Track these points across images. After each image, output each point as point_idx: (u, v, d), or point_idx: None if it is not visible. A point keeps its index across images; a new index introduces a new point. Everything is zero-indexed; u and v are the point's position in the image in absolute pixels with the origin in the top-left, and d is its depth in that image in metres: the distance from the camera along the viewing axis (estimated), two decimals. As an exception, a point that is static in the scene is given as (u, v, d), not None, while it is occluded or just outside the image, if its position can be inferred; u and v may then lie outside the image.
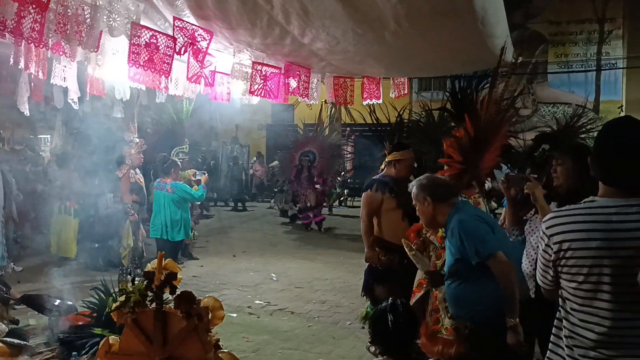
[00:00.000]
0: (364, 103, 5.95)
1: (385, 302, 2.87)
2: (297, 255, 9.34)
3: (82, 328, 4.19)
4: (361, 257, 5.03)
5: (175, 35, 3.26)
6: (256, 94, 4.41)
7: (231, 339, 4.95)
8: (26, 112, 4.19)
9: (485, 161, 4.21)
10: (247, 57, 4.29)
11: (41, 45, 2.89)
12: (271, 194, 15.48)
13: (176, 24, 3.29)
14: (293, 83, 4.84)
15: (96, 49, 3.04)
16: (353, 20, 3.52)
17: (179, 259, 7.71)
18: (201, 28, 3.44)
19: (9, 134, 9.93)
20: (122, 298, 3.02)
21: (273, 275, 7.80)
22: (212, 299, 3.24)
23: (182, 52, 3.34)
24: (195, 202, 8.45)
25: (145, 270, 3.06)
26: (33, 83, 4.35)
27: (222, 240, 10.74)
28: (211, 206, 15.00)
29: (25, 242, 8.38)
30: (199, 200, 8.19)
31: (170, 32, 3.28)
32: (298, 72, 4.85)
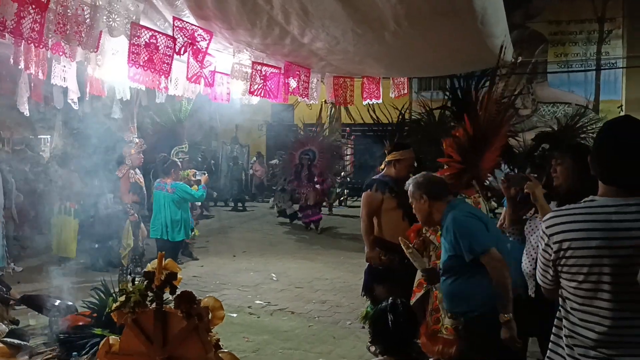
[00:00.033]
0: (364, 103, 5.95)
1: (386, 301, 2.88)
2: (297, 255, 9.34)
3: (82, 328, 4.20)
4: (361, 257, 5.03)
5: (175, 35, 3.26)
6: (256, 94, 4.40)
7: (231, 339, 4.95)
8: (26, 112, 4.19)
9: (486, 161, 4.21)
10: (247, 57, 4.28)
11: (41, 46, 2.88)
12: (271, 193, 15.48)
13: (176, 24, 3.29)
14: (293, 83, 4.83)
15: (96, 49, 3.04)
16: (353, 20, 3.52)
17: (179, 259, 7.71)
18: (201, 28, 3.43)
19: (9, 134, 9.94)
20: (122, 298, 3.03)
21: (273, 275, 7.80)
22: (212, 299, 3.25)
23: (182, 52, 3.34)
24: (196, 202, 8.46)
25: (145, 270, 3.06)
26: (33, 83, 4.35)
27: (222, 241, 10.73)
28: (211, 206, 15.00)
29: (25, 243, 8.38)
30: (199, 201, 8.19)
31: (170, 32, 3.27)
32: (298, 72, 4.84)
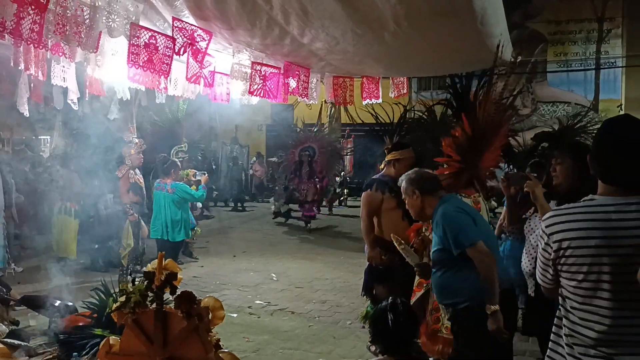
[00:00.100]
0: (364, 103, 5.95)
1: (386, 301, 2.89)
2: (297, 255, 9.34)
3: (82, 328, 4.20)
4: (361, 257, 5.03)
5: (174, 35, 3.26)
6: (255, 94, 4.40)
7: (232, 339, 4.96)
8: (26, 113, 4.19)
9: (486, 161, 4.21)
10: (247, 58, 4.28)
11: (40, 46, 2.88)
12: (271, 193, 15.47)
13: (175, 25, 3.29)
14: (292, 83, 4.83)
15: (95, 50, 3.04)
16: (352, 20, 3.52)
17: (180, 259, 7.71)
18: (200, 28, 3.43)
19: (9, 134, 9.94)
20: (122, 298, 3.03)
21: (273, 275, 7.81)
22: (213, 299, 3.25)
23: (182, 53, 3.34)
24: (196, 202, 8.46)
25: (146, 270, 3.06)
26: (33, 84, 4.36)
27: (222, 241, 10.73)
28: (211, 206, 15.00)
29: (25, 243, 8.38)
30: (199, 201, 8.18)
31: (169, 33, 3.27)
32: (297, 72, 4.84)
